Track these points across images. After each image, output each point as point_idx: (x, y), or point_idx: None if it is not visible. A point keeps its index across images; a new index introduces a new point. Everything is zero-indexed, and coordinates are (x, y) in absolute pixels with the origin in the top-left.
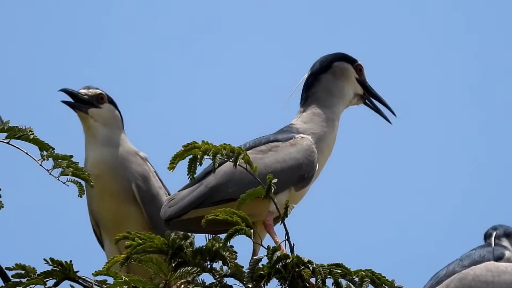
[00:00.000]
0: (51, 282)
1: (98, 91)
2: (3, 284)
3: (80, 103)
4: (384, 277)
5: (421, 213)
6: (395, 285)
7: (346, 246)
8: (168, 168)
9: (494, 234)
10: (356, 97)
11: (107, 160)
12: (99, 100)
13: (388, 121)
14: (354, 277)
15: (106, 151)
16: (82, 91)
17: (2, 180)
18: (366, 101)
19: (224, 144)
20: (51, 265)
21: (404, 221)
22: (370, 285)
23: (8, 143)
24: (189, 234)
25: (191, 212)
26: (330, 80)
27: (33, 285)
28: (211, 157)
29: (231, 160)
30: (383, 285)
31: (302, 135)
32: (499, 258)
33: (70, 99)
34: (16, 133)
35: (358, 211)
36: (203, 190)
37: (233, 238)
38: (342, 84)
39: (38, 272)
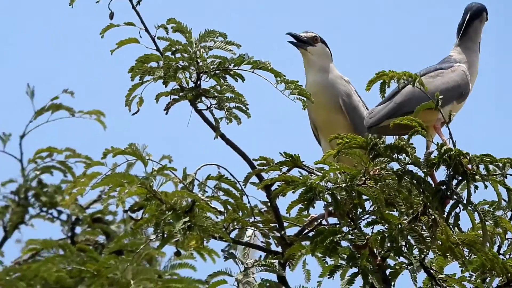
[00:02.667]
0: (284, 169)
1: (313, 34)
2: (251, 171)
3: (302, 42)
4: None
5: None
6: None
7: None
8: (365, 89)
9: None
10: None
11: (321, 82)
12: (314, 40)
13: None
14: (499, 163)
15: (320, 76)
16: (302, 34)
17: (249, 98)
18: None
19: (404, 71)
20: (284, 157)
21: None
22: (510, 168)
23: (252, 72)
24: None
25: (385, 121)
26: (478, 25)
27: (272, 171)
28: (395, 81)
29: (410, 83)
30: None
31: (459, 64)
32: None
33: (294, 40)
34: (258, 65)
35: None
36: (393, 106)
37: (413, 136)
38: (482, 29)
39: (275, 162)
